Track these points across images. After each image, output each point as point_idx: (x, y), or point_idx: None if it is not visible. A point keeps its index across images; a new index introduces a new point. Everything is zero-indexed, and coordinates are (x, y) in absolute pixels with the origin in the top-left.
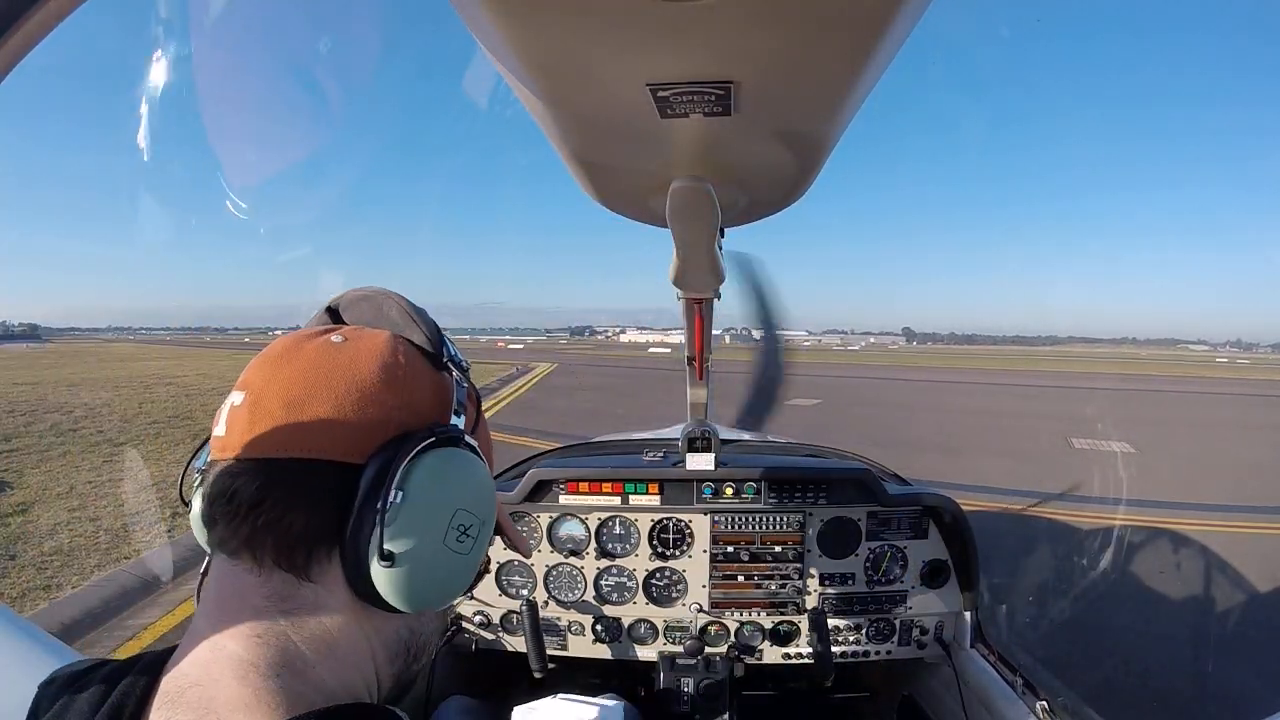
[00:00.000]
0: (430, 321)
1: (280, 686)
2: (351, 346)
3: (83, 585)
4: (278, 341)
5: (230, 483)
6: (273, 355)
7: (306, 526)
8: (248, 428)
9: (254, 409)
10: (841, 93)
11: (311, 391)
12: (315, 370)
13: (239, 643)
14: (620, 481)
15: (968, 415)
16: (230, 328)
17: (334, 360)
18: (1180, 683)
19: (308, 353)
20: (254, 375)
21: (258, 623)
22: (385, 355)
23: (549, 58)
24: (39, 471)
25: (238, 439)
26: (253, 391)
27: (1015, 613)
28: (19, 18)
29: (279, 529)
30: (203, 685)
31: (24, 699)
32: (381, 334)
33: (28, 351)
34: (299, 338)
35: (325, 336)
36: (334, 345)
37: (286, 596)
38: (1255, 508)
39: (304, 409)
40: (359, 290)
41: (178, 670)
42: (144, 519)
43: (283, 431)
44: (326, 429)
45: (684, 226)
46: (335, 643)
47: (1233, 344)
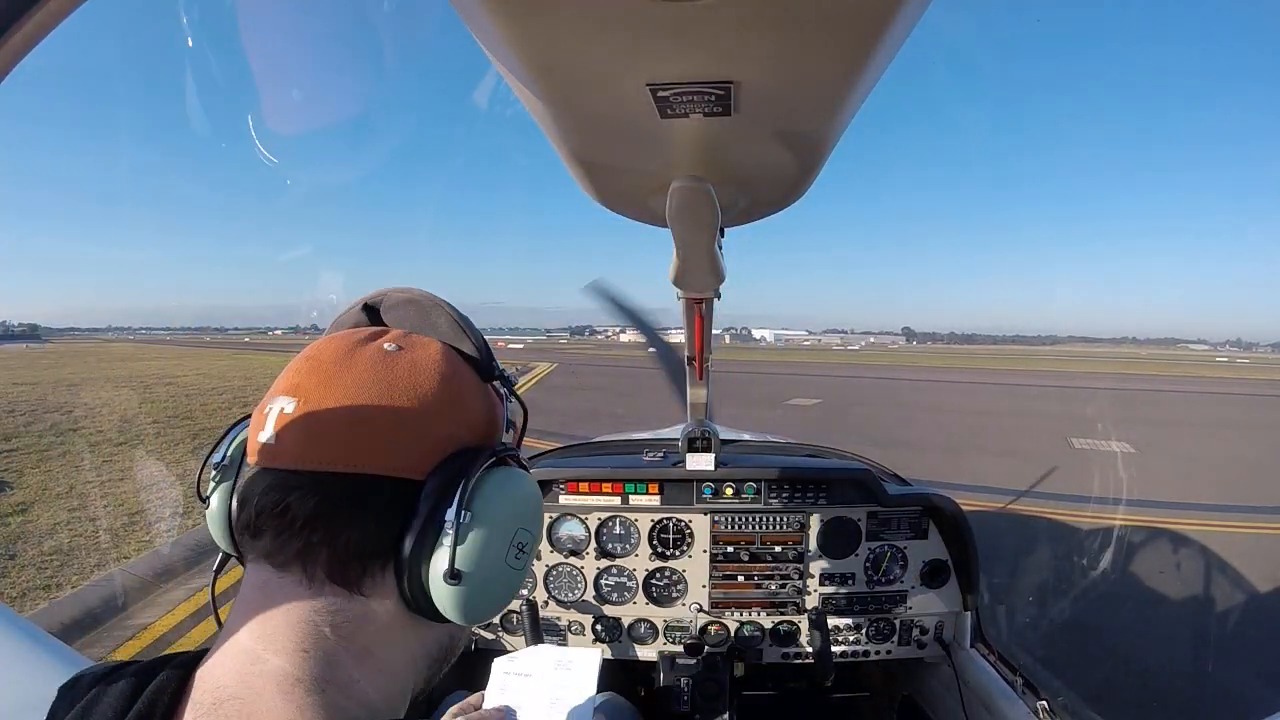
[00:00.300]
0: (478, 333)
1: (325, 702)
2: (408, 357)
3: (83, 585)
4: (326, 345)
5: (283, 495)
6: (325, 361)
7: (362, 542)
8: (303, 439)
9: (311, 419)
10: (841, 93)
11: (372, 404)
12: (374, 381)
13: (284, 657)
14: (620, 481)
15: (968, 415)
16: (230, 328)
17: (392, 371)
18: (1180, 683)
19: (363, 361)
20: (307, 382)
21: (304, 636)
22: (443, 368)
23: (549, 58)
24: (39, 471)
25: (291, 449)
26: (307, 400)
27: (1015, 613)
28: (19, 18)
29: (335, 545)
30: (243, 699)
31: (24, 698)
32: (434, 344)
33: (28, 351)
34: (349, 342)
35: (377, 343)
36: (389, 354)
37: (336, 610)
38: (1255, 508)
39: (364, 422)
40: (402, 291)
41: (214, 680)
42: (144, 518)
43: (342, 445)
44: (388, 444)
45: (684, 226)
46: (381, 655)
47: (1232, 343)
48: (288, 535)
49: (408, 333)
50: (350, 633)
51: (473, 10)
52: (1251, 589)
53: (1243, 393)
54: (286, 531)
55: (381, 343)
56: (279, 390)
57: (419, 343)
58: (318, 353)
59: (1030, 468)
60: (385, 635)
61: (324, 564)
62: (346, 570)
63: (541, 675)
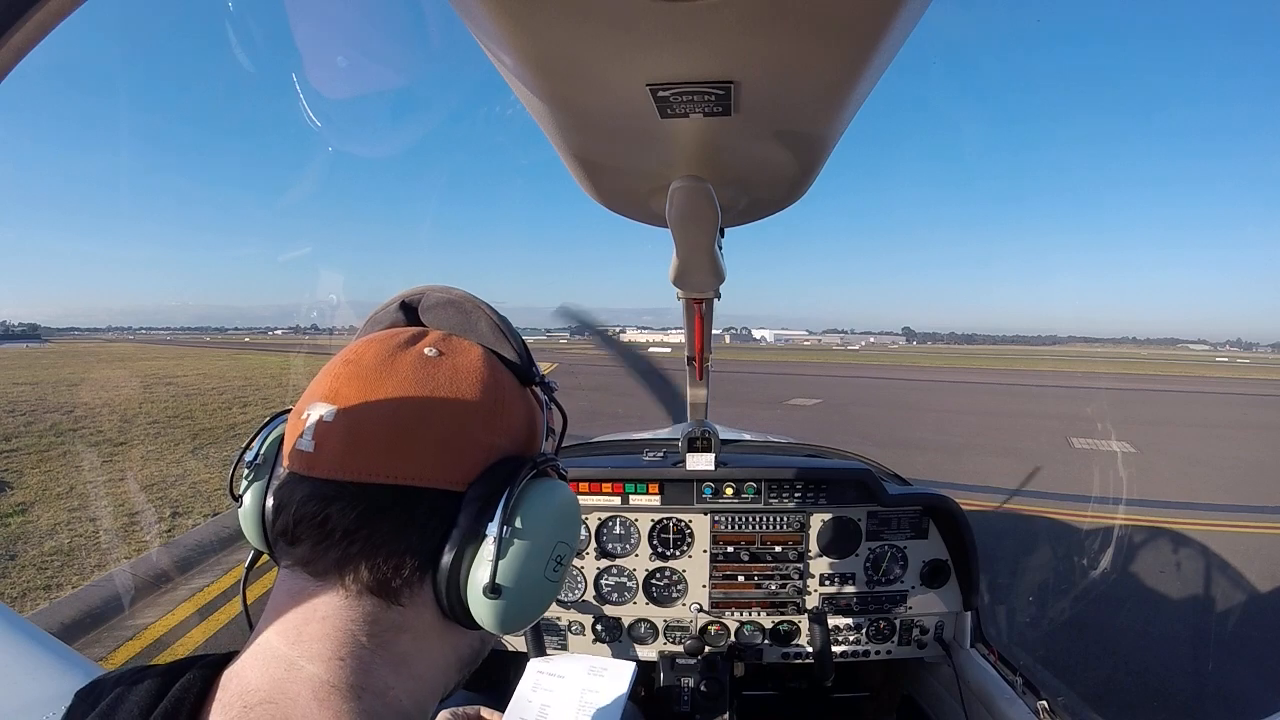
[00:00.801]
0: (519, 336)
1: (361, 708)
2: (449, 363)
3: (83, 585)
4: (366, 348)
5: (323, 506)
6: (365, 367)
7: (402, 554)
8: (344, 448)
9: (353, 429)
10: (841, 93)
11: (416, 414)
12: (416, 389)
13: (319, 664)
14: (620, 481)
15: (967, 415)
16: (230, 327)
17: (435, 378)
18: (1180, 682)
19: (404, 367)
20: (347, 388)
21: (340, 644)
22: (485, 375)
23: (549, 58)
24: (39, 471)
25: (332, 458)
26: (348, 407)
27: (1015, 613)
28: (19, 18)
29: (375, 556)
30: (276, 703)
31: (24, 699)
32: (475, 348)
33: (28, 351)
34: (389, 346)
35: (418, 347)
36: (430, 360)
37: (373, 619)
38: (1255, 508)
39: (406, 432)
40: (442, 291)
41: (244, 683)
42: (144, 519)
43: (385, 456)
44: (431, 455)
45: (684, 226)
46: (415, 662)
47: (1233, 344)
48: (326, 545)
49: (448, 335)
50: (386, 641)
51: (473, 10)
52: (1252, 589)
53: (1243, 393)
54: (325, 541)
55: (422, 347)
56: (317, 395)
57: (460, 348)
58: (358, 356)
59: (1030, 467)
60: (420, 643)
61: (363, 574)
62: (385, 581)
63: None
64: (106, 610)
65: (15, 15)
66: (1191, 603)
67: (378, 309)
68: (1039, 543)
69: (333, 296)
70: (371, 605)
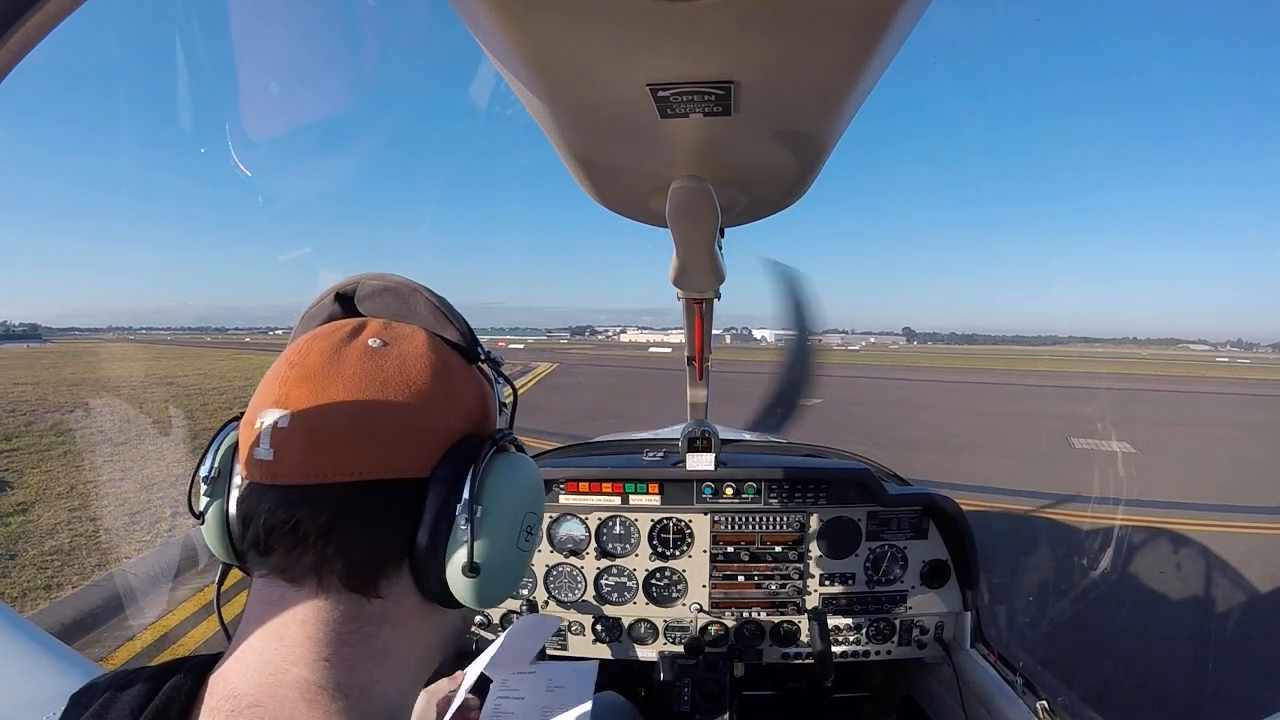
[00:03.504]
0: (460, 316)
1: (349, 707)
2: (395, 352)
3: (83, 585)
4: (309, 348)
5: (292, 512)
6: (312, 368)
7: (377, 547)
8: (304, 452)
9: (311, 432)
10: (841, 93)
11: (370, 409)
12: (368, 384)
13: (304, 667)
14: (620, 481)
15: (968, 415)
16: (231, 327)
17: (383, 370)
18: (1180, 683)
19: (351, 362)
20: (296, 392)
21: (324, 646)
22: (433, 359)
23: (549, 58)
24: (39, 471)
25: (294, 464)
26: (301, 411)
27: (1015, 613)
28: (19, 18)
29: (350, 554)
30: (263, 706)
31: (24, 699)
32: (419, 333)
33: (28, 351)
34: (332, 343)
35: (361, 340)
36: (376, 351)
37: (354, 616)
38: (1255, 508)
39: (364, 428)
40: (377, 278)
41: (230, 688)
42: (144, 519)
43: (346, 455)
44: (391, 447)
45: (684, 226)
46: (398, 652)
47: (1233, 344)
48: (300, 550)
49: (388, 323)
50: (368, 635)
51: (473, 10)
52: (1251, 589)
53: (1243, 393)
54: (299, 547)
55: (366, 339)
56: (268, 401)
57: (403, 334)
58: (302, 358)
59: (1030, 468)
60: (402, 632)
61: (340, 574)
62: (363, 576)
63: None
64: (106, 610)
65: (15, 15)
66: (1191, 603)
67: (312, 304)
68: (1039, 543)
69: None
70: (350, 602)
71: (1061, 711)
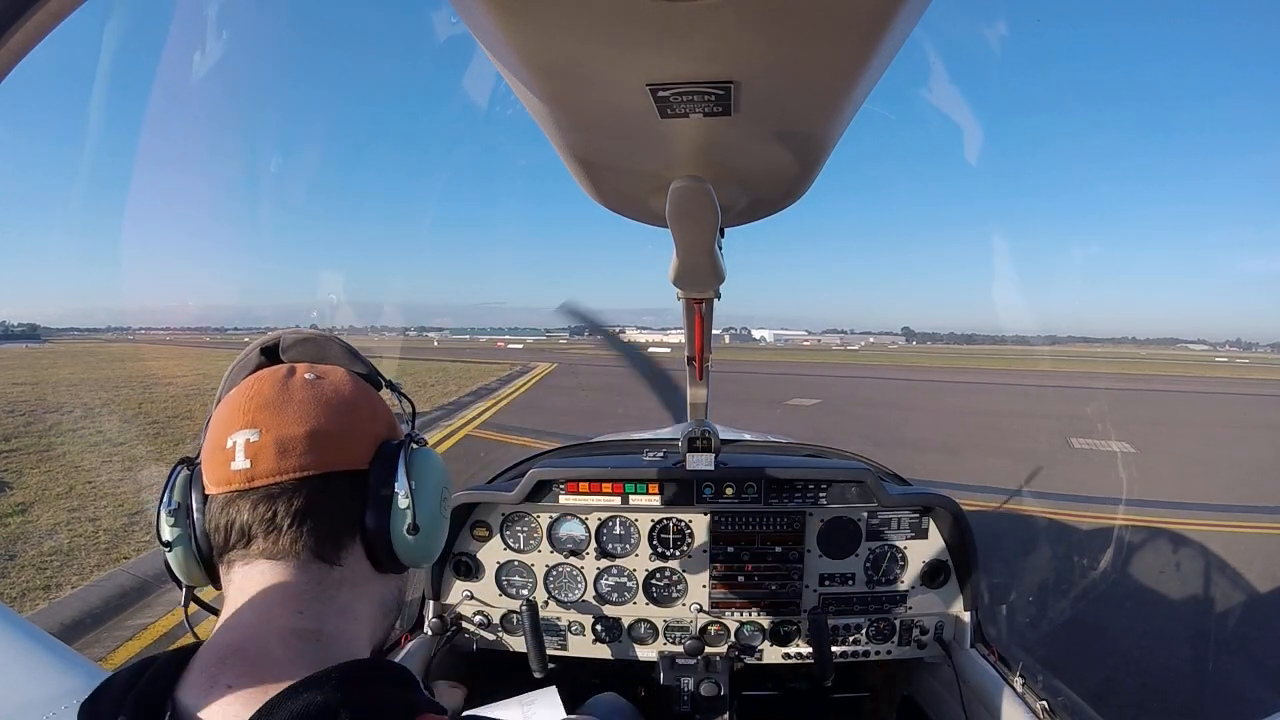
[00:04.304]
0: (363, 356)
1: (317, 649)
2: (328, 382)
3: (83, 585)
4: (259, 386)
5: (270, 505)
6: (268, 398)
7: (336, 523)
8: (277, 456)
9: (280, 441)
10: (841, 93)
11: (323, 421)
12: (316, 403)
13: (282, 619)
14: (620, 481)
15: (967, 415)
16: (230, 328)
17: (323, 394)
18: (1180, 682)
19: (297, 391)
20: (262, 415)
21: (299, 602)
22: (354, 385)
23: (549, 58)
24: (39, 471)
25: (268, 466)
26: (269, 428)
27: (1015, 613)
28: (19, 18)
29: (318, 531)
30: (246, 649)
31: (24, 699)
32: (339, 369)
33: (28, 351)
34: (276, 379)
35: (298, 376)
36: (313, 382)
37: (321, 580)
38: (1255, 508)
39: (321, 434)
40: (296, 332)
41: (218, 645)
42: (143, 519)
43: (309, 455)
44: (339, 447)
45: (684, 226)
46: (354, 609)
47: (1233, 343)
48: (278, 533)
49: (311, 364)
50: (332, 596)
51: (473, 10)
52: (1252, 589)
53: (1243, 393)
54: (277, 530)
55: (302, 374)
56: (235, 427)
57: (328, 370)
58: (256, 393)
59: (1030, 467)
60: (356, 592)
61: (311, 547)
62: (326, 547)
63: None
64: (106, 610)
65: (15, 15)
66: (1191, 603)
67: (240, 357)
68: (1039, 543)
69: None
70: (318, 569)
71: (1061, 711)
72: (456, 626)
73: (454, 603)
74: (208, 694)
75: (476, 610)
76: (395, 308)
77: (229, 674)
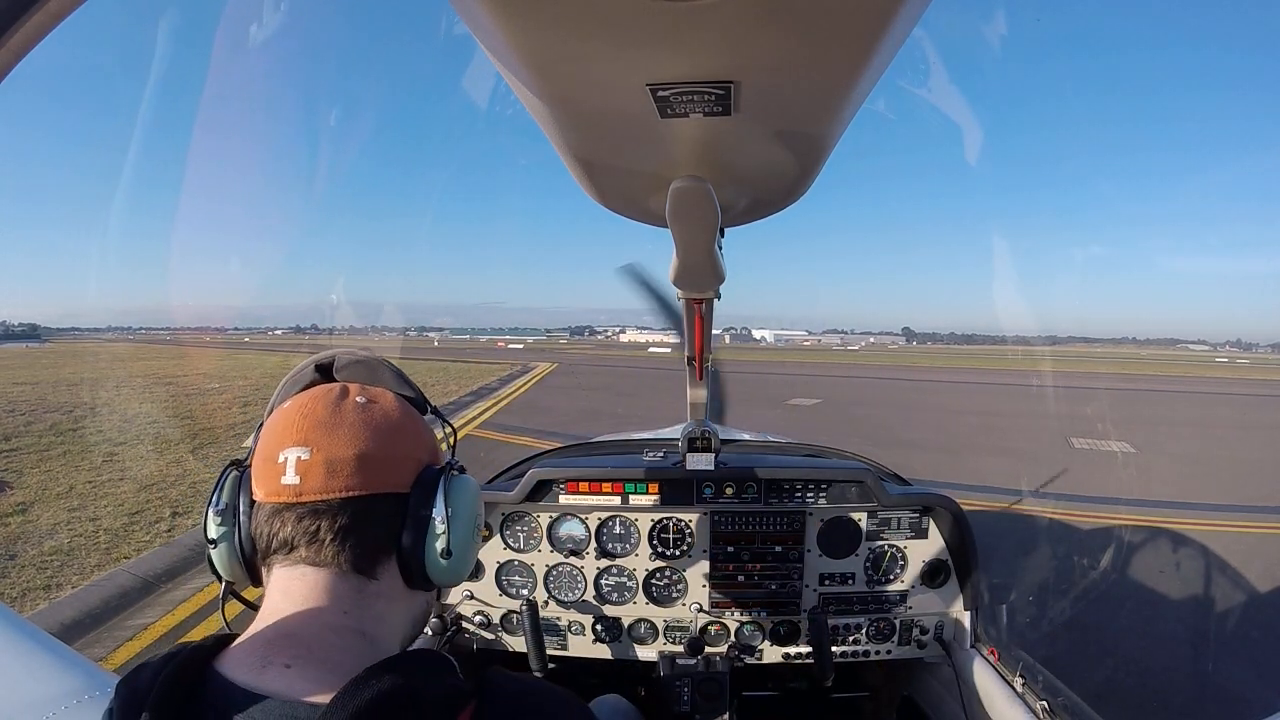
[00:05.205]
0: (412, 382)
1: (362, 644)
2: (379, 406)
3: (83, 585)
4: (312, 404)
5: (315, 520)
6: (321, 418)
7: (376, 541)
8: (325, 475)
9: (329, 461)
10: (841, 93)
11: (370, 444)
12: (366, 427)
13: (331, 615)
14: (620, 481)
15: (967, 415)
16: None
17: (374, 418)
18: (1180, 682)
19: (349, 414)
20: (314, 435)
21: (344, 603)
22: (403, 410)
23: (549, 58)
24: (39, 471)
25: (316, 484)
26: (319, 448)
27: (1015, 613)
28: (19, 18)
29: (360, 547)
30: (300, 636)
31: (24, 699)
32: (388, 394)
33: (28, 351)
34: (329, 400)
35: (350, 399)
36: (365, 406)
37: (360, 589)
38: (1255, 508)
39: (368, 457)
40: (349, 353)
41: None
42: (143, 519)
43: (355, 477)
44: (385, 470)
45: (684, 226)
46: (389, 618)
47: (1232, 344)
48: (320, 545)
49: (364, 387)
50: (369, 604)
51: (473, 10)
52: (1251, 589)
53: (1242, 393)
54: (319, 542)
55: (354, 398)
56: (288, 443)
57: (379, 394)
58: (310, 411)
59: (1030, 467)
60: (391, 605)
61: (351, 560)
62: (364, 563)
63: None
64: (106, 610)
65: (15, 15)
66: (1191, 603)
67: (293, 372)
68: (1039, 543)
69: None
70: (357, 580)
71: (1061, 711)
72: (456, 626)
73: (454, 602)
74: (262, 672)
75: (476, 610)
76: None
77: (283, 655)
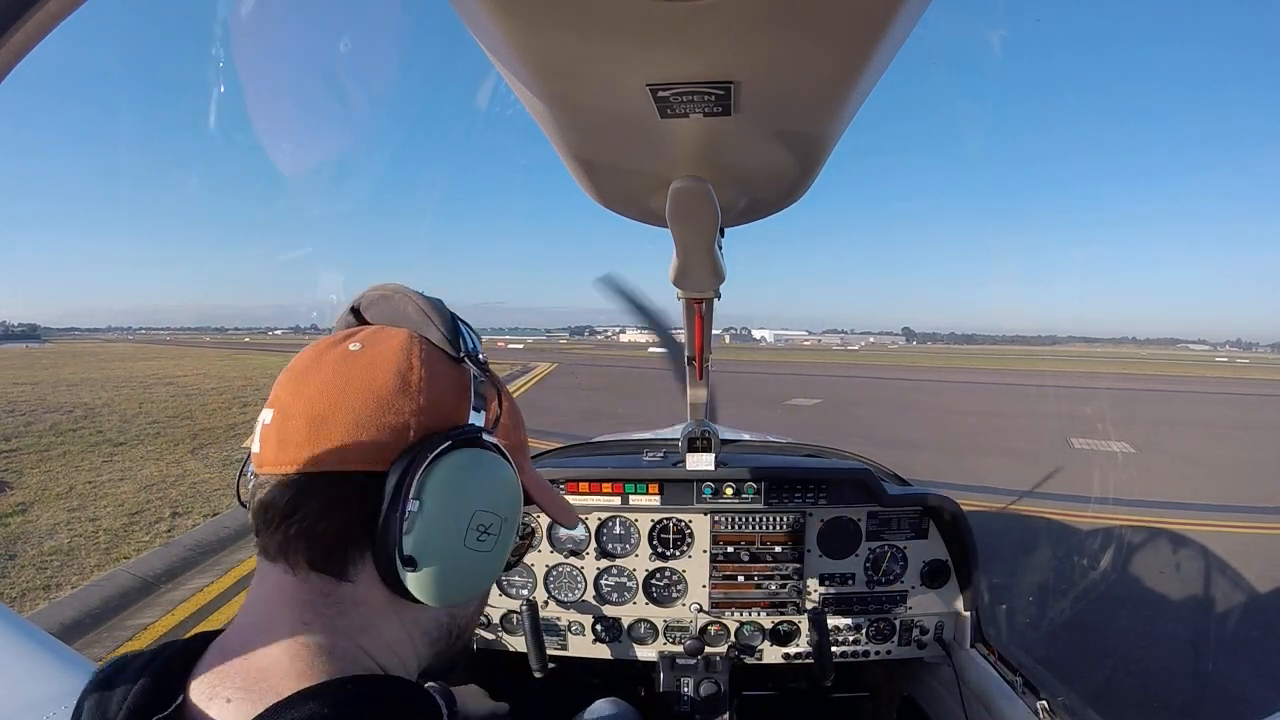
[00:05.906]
0: (447, 315)
1: (332, 663)
2: (368, 354)
3: (83, 585)
4: (303, 353)
5: (267, 496)
6: (297, 370)
7: (338, 533)
8: (277, 446)
9: (281, 428)
10: (841, 93)
11: (332, 407)
12: (334, 384)
13: (284, 629)
14: (620, 481)
15: (967, 415)
16: (230, 327)
17: (350, 370)
18: (1180, 683)
19: (327, 365)
20: (282, 393)
21: (301, 613)
22: (400, 360)
23: (549, 58)
24: (39, 471)
25: (271, 456)
26: (281, 409)
27: (1015, 613)
28: (19, 18)
29: (310, 537)
30: (252, 658)
31: (24, 699)
32: (398, 336)
33: (28, 351)
34: (321, 348)
35: (344, 345)
36: (351, 354)
37: (327, 594)
38: (1255, 508)
39: (326, 425)
40: (378, 288)
41: (223, 645)
42: (143, 519)
43: (309, 448)
44: (348, 442)
45: (684, 226)
46: (379, 630)
47: (1232, 344)
48: (270, 531)
49: (379, 328)
50: (344, 612)
51: (473, 11)
52: (1251, 589)
53: (1243, 393)
54: (270, 528)
55: (348, 344)
56: (268, 402)
57: (383, 337)
58: (295, 363)
59: (1030, 467)
60: (379, 618)
61: (304, 555)
62: (327, 559)
63: None
64: (106, 610)
65: (15, 15)
66: (1191, 603)
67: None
68: (1039, 543)
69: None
70: (320, 581)
71: (1061, 711)
72: None
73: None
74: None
75: None
76: None
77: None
